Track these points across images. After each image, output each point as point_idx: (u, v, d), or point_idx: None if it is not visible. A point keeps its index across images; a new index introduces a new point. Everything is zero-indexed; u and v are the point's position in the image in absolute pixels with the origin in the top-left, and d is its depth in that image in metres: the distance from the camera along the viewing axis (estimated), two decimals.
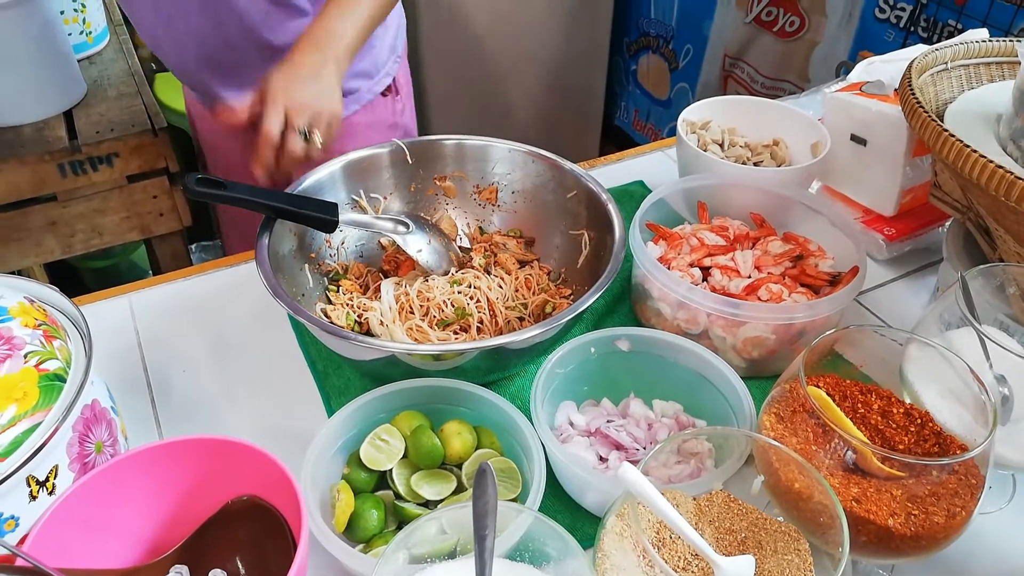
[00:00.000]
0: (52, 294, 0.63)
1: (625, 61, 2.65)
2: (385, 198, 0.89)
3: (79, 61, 1.52)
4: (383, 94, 1.13)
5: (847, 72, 0.97)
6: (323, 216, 0.76)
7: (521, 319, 0.80)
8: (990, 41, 0.83)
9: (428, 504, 0.62)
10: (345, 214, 0.78)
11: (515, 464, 0.64)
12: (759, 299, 0.75)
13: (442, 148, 0.89)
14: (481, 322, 0.79)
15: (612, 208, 0.80)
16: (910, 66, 0.76)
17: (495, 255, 0.87)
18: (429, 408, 0.67)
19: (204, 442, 0.57)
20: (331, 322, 0.78)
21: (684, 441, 0.63)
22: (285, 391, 0.77)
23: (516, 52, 2.35)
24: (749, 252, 0.81)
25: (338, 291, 0.83)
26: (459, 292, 0.80)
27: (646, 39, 2.51)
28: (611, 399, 0.71)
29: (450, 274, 0.83)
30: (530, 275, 0.85)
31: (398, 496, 0.63)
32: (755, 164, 0.94)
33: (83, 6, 1.55)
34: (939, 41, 0.93)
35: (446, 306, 0.79)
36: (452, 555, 0.53)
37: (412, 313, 0.79)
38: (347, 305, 0.81)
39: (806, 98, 1.20)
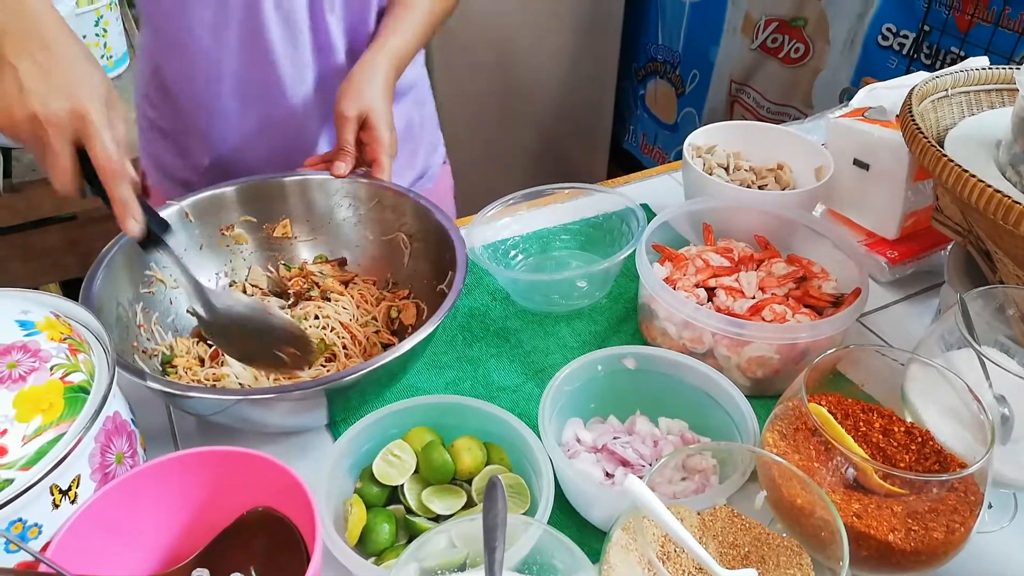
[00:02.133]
0: (77, 309, 0.65)
1: (633, 86, 2.69)
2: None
3: None
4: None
5: (850, 98, 0.99)
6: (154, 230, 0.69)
7: (377, 331, 0.82)
8: (990, 68, 0.84)
9: (438, 519, 0.64)
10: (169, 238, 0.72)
11: (523, 480, 0.65)
12: (763, 319, 0.77)
13: (221, 198, 0.85)
14: (344, 347, 0.79)
15: (422, 201, 0.83)
16: (911, 93, 0.78)
17: (316, 285, 0.85)
18: (440, 424, 0.68)
19: (221, 454, 0.59)
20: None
21: (688, 456, 0.64)
22: None
23: (526, 76, 2.39)
24: (753, 273, 0.82)
25: (176, 372, 0.76)
26: (311, 326, 0.80)
27: (653, 64, 2.55)
28: (617, 416, 0.72)
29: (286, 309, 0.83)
30: (362, 291, 0.86)
31: (409, 510, 0.64)
32: (760, 187, 0.96)
33: (104, 31, 1.59)
34: (942, 68, 0.95)
35: None
36: (462, 568, 0.55)
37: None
38: (195, 382, 0.75)
39: (810, 123, 1.22)
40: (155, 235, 0.69)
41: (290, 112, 0.94)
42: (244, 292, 0.87)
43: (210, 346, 0.80)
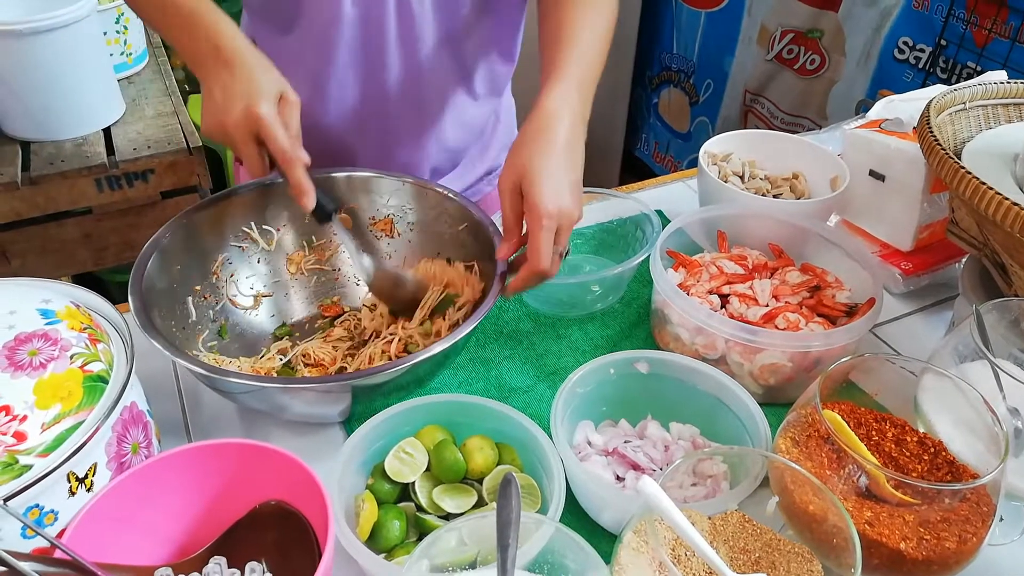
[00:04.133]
0: (97, 300, 0.65)
1: (647, 94, 2.70)
2: (278, 230, 0.88)
3: (119, 81, 1.58)
4: None
5: (866, 110, 0.99)
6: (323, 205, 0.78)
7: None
8: (1009, 83, 0.84)
9: (449, 517, 0.64)
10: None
11: (534, 481, 0.65)
12: (776, 327, 0.77)
13: (333, 181, 0.87)
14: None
15: (496, 239, 0.79)
16: (929, 105, 0.79)
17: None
18: (452, 423, 0.68)
19: (235, 446, 0.59)
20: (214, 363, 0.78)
21: (700, 461, 0.64)
22: None
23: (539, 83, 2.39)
24: (767, 281, 0.82)
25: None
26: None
27: (668, 73, 2.55)
28: (629, 420, 0.73)
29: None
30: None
31: (420, 508, 0.65)
32: (775, 196, 0.96)
33: (124, 28, 1.61)
34: (958, 83, 0.96)
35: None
36: (472, 566, 0.55)
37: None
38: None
39: (826, 134, 1.22)
40: (325, 209, 0.78)
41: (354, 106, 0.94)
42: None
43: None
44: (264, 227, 0.87)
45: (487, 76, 1.00)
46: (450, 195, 0.86)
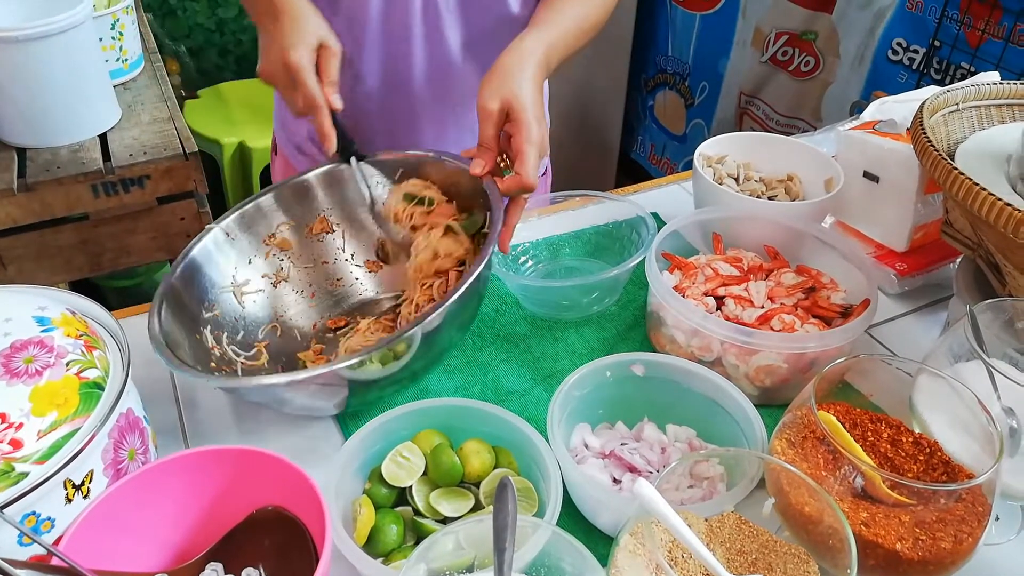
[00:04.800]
0: (92, 307, 0.65)
1: (642, 96, 2.70)
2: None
3: (114, 86, 1.57)
4: None
5: (860, 112, 1.00)
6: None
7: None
8: (1001, 83, 0.85)
9: (446, 521, 0.64)
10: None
11: (531, 484, 0.65)
12: (772, 329, 0.77)
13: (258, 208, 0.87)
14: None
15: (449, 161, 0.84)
16: (922, 106, 0.79)
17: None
18: (449, 427, 0.68)
19: (232, 452, 0.59)
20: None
21: (696, 463, 0.64)
22: None
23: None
24: (762, 283, 0.83)
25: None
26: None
27: (663, 76, 2.56)
28: (625, 422, 0.73)
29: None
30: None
31: (417, 512, 0.65)
32: (770, 198, 0.96)
33: (120, 34, 1.61)
34: (952, 83, 0.96)
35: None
36: (470, 570, 0.55)
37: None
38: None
39: (820, 136, 1.23)
40: (349, 150, 0.85)
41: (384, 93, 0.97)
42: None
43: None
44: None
45: None
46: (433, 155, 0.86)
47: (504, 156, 0.79)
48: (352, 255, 0.92)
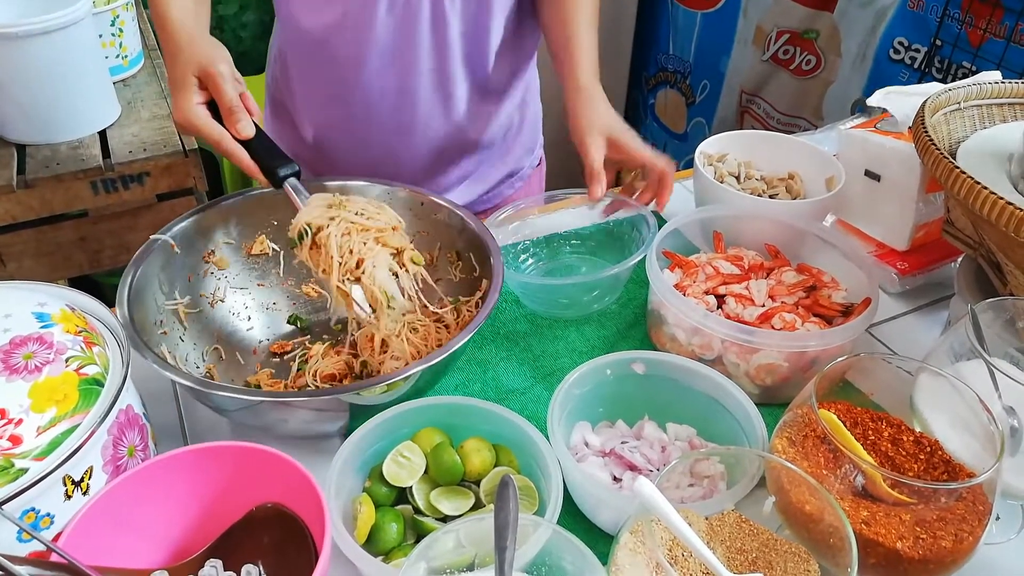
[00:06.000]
0: (92, 303, 0.65)
1: (643, 95, 2.70)
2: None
3: (114, 83, 1.57)
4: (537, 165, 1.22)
5: (862, 110, 1.00)
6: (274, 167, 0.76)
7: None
8: (1003, 82, 0.85)
9: (446, 519, 0.64)
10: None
11: (532, 482, 0.65)
12: (772, 327, 0.77)
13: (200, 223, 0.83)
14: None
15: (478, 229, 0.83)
16: (924, 104, 0.79)
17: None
18: (449, 425, 0.68)
19: (232, 449, 0.59)
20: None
21: (696, 462, 0.64)
22: None
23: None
24: (763, 281, 0.83)
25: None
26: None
27: (664, 74, 2.55)
28: (626, 421, 0.73)
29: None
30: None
31: (417, 510, 0.64)
32: (770, 197, 0.96)
33: (120, 31, 1.61)
34: (953, 82, 0.96)
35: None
36: (470, 568, 0.55)
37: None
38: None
39: (821, 135, 1.22)
40: (278, 173, 0.77)
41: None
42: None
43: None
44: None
45: (505, 76, 1.04)
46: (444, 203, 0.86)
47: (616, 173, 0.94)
48: (291, 280, 0.89)
